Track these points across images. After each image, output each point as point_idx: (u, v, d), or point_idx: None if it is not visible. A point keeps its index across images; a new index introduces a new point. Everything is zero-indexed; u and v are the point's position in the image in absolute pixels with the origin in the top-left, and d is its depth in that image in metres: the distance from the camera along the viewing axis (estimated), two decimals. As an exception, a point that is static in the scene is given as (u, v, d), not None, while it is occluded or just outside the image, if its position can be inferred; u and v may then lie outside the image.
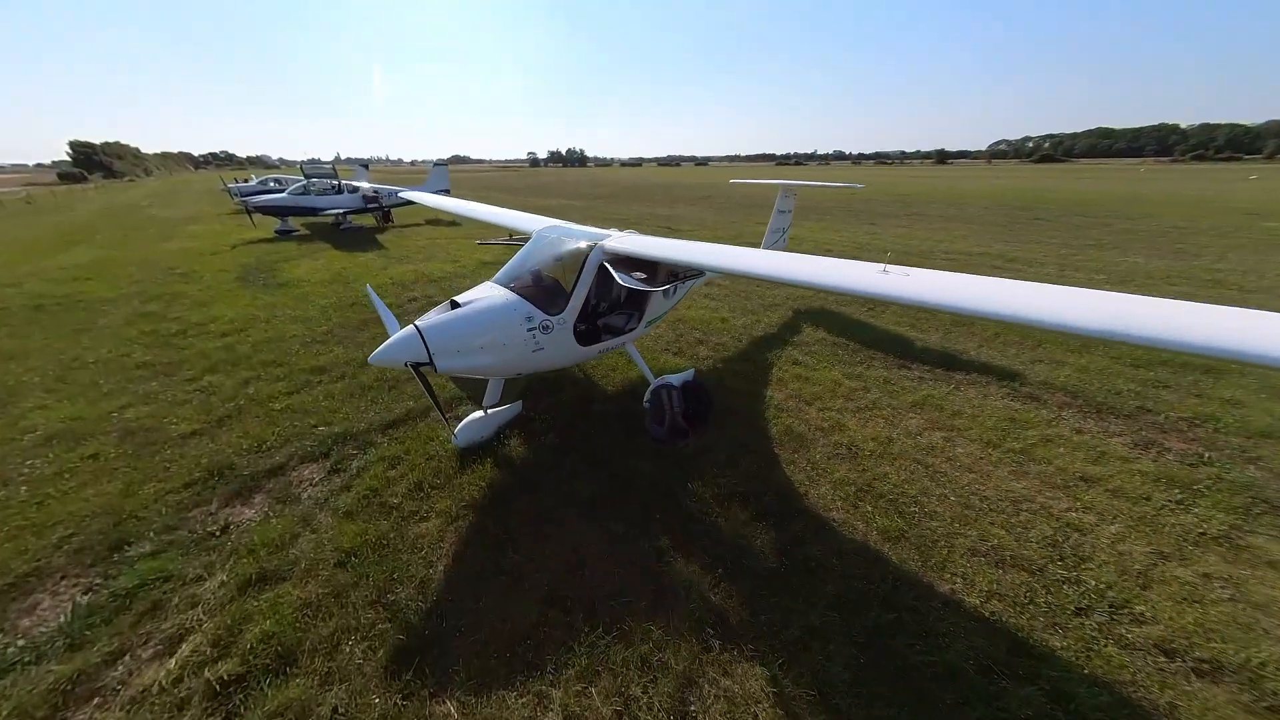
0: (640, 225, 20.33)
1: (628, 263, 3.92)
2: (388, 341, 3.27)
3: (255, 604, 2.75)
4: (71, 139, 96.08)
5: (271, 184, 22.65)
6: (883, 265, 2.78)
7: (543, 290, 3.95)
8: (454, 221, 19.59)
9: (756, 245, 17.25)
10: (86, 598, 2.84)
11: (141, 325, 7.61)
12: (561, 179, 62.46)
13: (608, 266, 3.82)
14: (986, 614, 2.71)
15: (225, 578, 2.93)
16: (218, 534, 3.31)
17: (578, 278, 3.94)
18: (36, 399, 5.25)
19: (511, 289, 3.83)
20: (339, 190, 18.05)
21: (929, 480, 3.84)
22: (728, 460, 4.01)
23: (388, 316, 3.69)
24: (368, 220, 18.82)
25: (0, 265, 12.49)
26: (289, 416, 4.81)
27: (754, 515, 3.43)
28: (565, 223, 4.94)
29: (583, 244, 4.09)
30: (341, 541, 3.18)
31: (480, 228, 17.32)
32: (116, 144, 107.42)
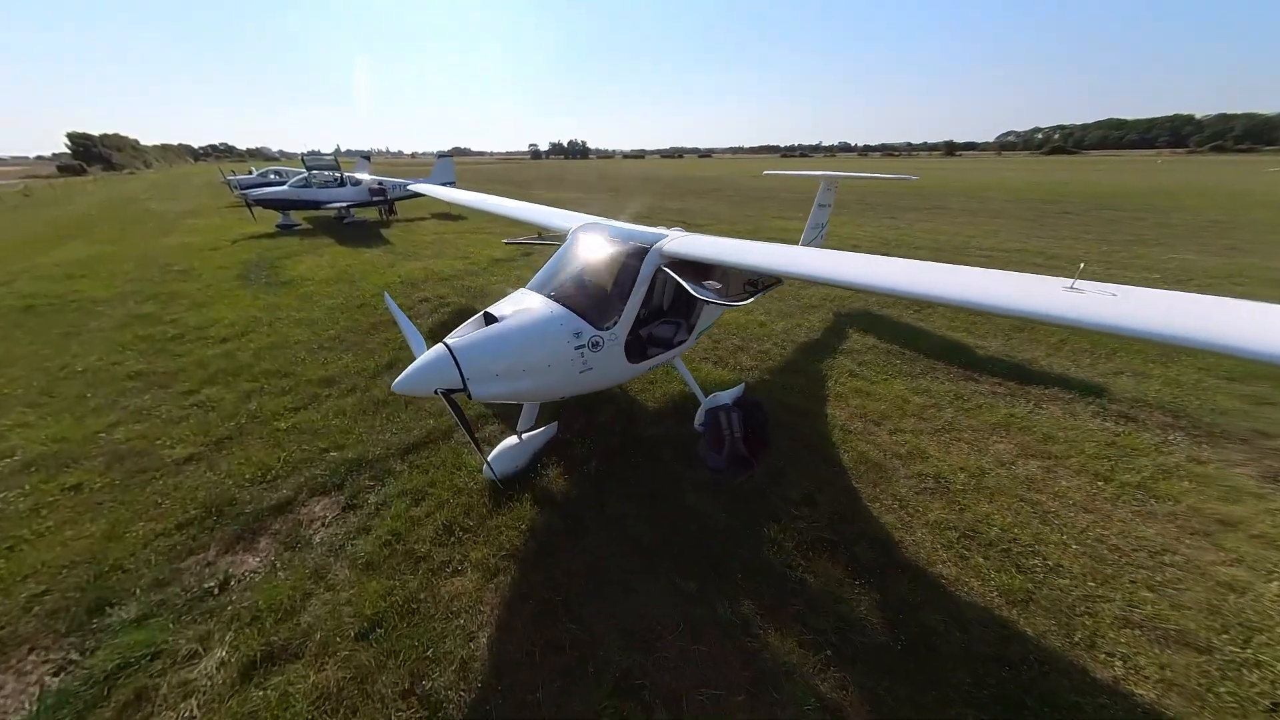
0: (651, 219, 19.54)
1: (689, 268, 3.35)
2: (414, 365, 2.73)
3: (261, 694, 2.24)
4: (70, 131, 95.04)
5: (272, 176, 21.98)
6: (1069, 280, 2.20)
7: (589, 300, 3.38)
8: (460, 215, 18.95)
9: (776, 238, 16.47)
10: (57, 680, 2.34)
11: (136, 329, 7.08)
12: (565, 171, 61.33)
13: (670, 274, 3.24)
14: (1170, 715, 2.18)
15: (225, 655, 2.42)
16: (216, 591, 2.80)
17: (631, 285, 3.37)
18: (17, 415, 4.74)
19: (553, 298, 3.27)
20: (342, 183, 17.40)
21: (1041, 523, 3.30)
22: (803, 497, 3.47)
23: (410, 331, 3.15)
24: (371, 214, 18.19)
25: (-7, 261, 11.98)
26: (296, 438, 4.29)
27: (848, 570, 2.90)
28: (605, 219, 4.35)
29: (636, 245, 3.50)
30: (363, 605, 2.66)
31: (491, 222, 16.62)
32: (115, 136, 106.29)
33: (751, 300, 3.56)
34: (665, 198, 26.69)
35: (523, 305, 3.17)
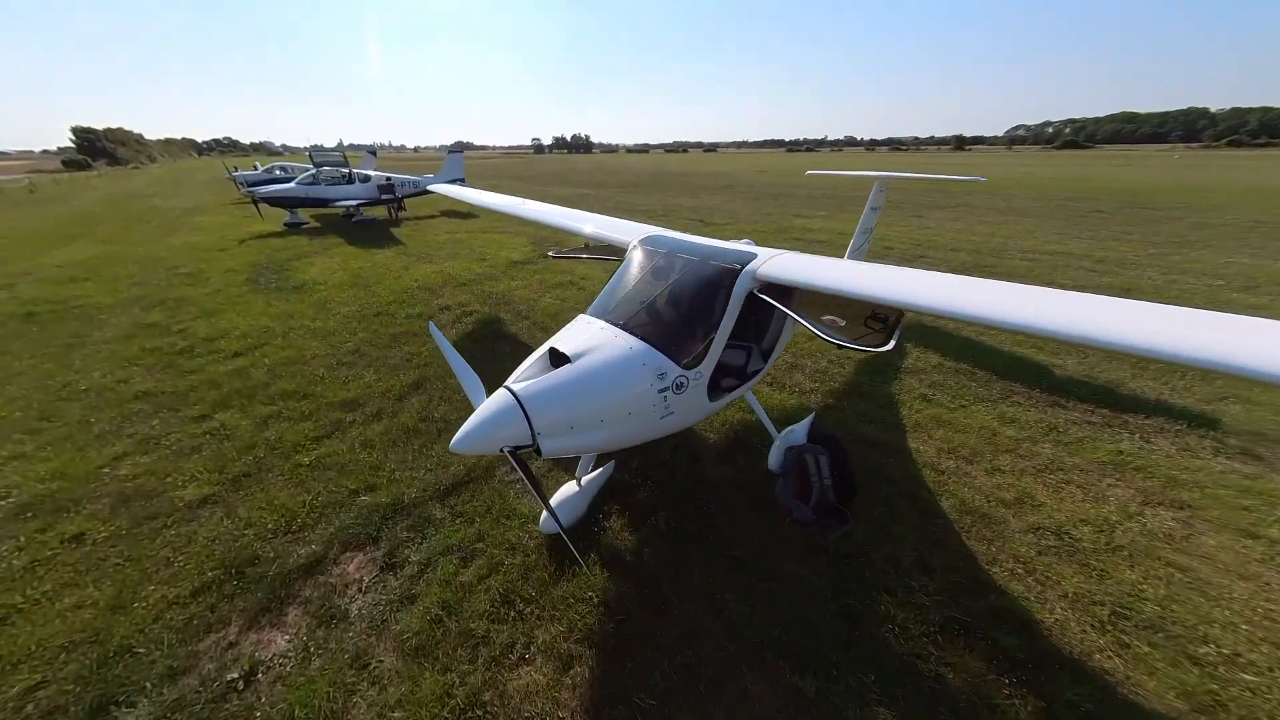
0: (667, 218, 19.03)
1: (788, 296, 2.83)
2: (475, 420, 2.26)
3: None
4: (74, 125, 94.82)
5: (278, 172, 21.51)
6: None
7: (671, 333, 2.88)
8: (471, 213, 18.44)
9: (801, 238, 15.67)
10: (53, 815, 1.91)
11: (143, 340, 6.66)
12: (571, 166, 60.50)
13: (776, 305, 2.74)
14: None
15: (256, 783, 1.98)
16: (240, 686, 2.36)
17: (719, 315, 2.87)
18: (14, 445, 4.32)
19: (629, 331, 2.77)
20: (350, 179, 16.89)
21: (1199, 596, 2.81)
22: (915, 561, 2.99)
23: (463, 370, 2.67)
24: (380, 211, 17.68)
25: (-5, 262, 11.61)
26: (321, 476, 3.84)
27: (992, 663, 2.42)
28: (668, 231, 3.82)
29: (722, 266, 2.99)
30: (419, 711, 2.21)
31: (503, 221, 16.02)
32: (120, 130, 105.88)
33: (893, 343, 2.79)
34: (679, 194, 26.06)
35: (595, 340, 2.67)
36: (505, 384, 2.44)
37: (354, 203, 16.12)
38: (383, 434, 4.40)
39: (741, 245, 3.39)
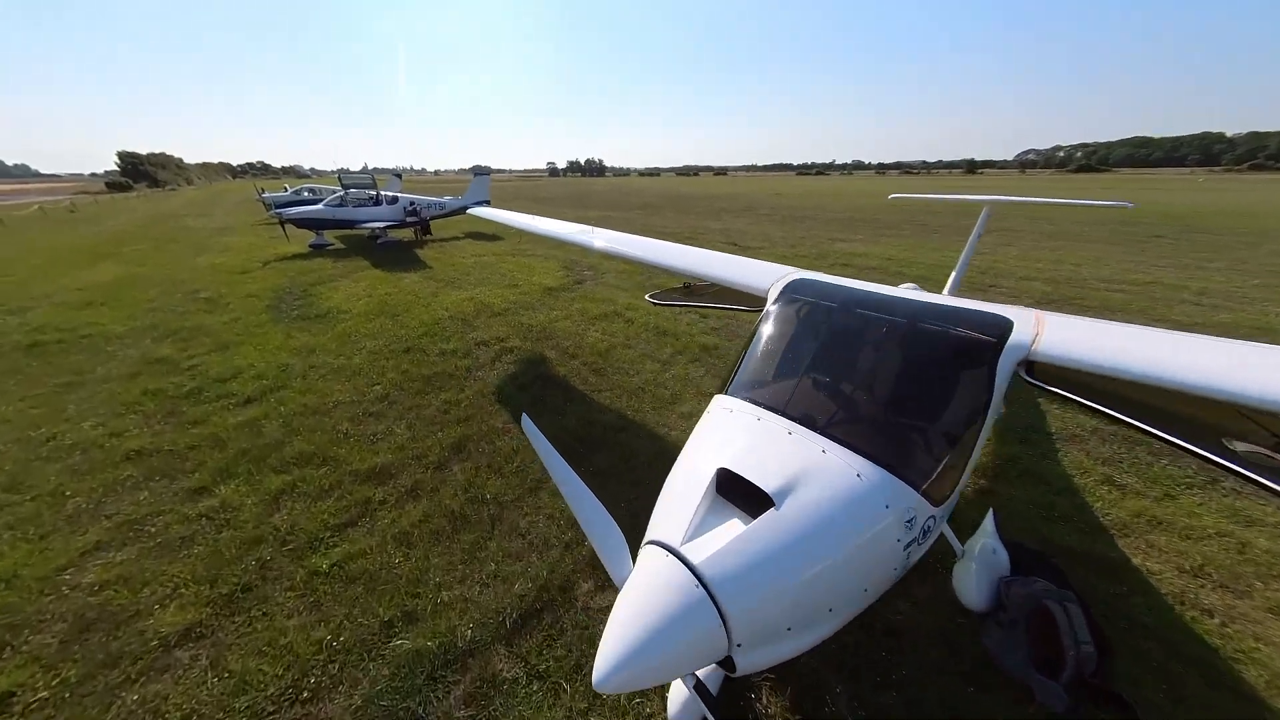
0: (697, 241, 18.33)
1: (1072, 383, 1.82)
2: (631, 632, 1.27)
3: None
4: (120, 150, 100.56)
5: (305, 194, 21.60)
6: None
7: (902, 445, 1.83)
8: (497, 235, 18.04)
9: (850, 264, 14.67)
10: None
11: (147, 380, 5.89)
12: (588, 189, 61.30)
13: (1076, 400, 1.75)
14: None
15: None
16: None
17: (979, 415, 1.84)
18: (-34, 529, 3.45)
19: (839, 440, 1.73)
20: (378, 201, 16.66)
21: None
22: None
23: (578, 493, 1.71)
24: (405, 233, 17.38)
25: (17, 283, 11.27)
26: (343, 594, 2.86)
27: None
28: (818, 274, 2.82)
29: (963, 336, 1.98)
30: None
31: (532, 244, 15.42)
32: (161, 154, 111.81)
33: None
34: (701, 217, 25.61)
35: (794, 459, 1.62)
36: (666, 542, 1.44)
37: (381, 224, 15.80)
38: (422, 521, 3.43)
39: (990, 303, 2.37)
